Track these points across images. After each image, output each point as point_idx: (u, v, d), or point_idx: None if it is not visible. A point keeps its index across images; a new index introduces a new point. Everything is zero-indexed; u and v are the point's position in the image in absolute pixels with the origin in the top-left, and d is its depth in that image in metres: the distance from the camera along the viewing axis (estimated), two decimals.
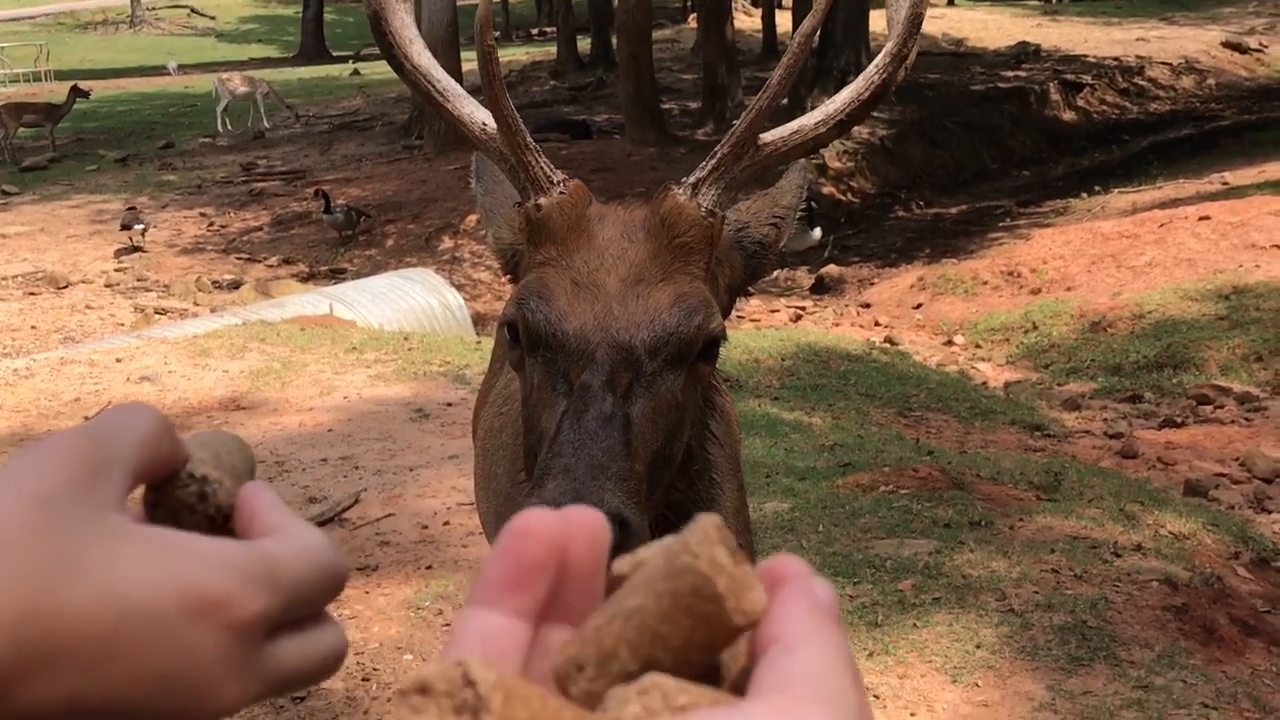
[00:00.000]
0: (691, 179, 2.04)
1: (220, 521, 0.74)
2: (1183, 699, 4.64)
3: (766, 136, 2.15)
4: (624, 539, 1.69)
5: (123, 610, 0.63)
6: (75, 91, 28.62)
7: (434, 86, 2.30)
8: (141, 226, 19.68)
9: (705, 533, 0.57)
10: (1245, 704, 4.67)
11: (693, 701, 0.53)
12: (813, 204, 17.03)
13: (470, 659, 0.53)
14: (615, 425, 1.80)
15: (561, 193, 2.03)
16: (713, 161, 2.06)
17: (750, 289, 2.31)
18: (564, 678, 0.57)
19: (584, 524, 0.61)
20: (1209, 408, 10.14)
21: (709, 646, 0.56)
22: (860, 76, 2.25)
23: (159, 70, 44.98)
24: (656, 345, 1.90)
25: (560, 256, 2.00)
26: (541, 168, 2.04)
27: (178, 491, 0.74)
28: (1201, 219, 14.93)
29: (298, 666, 0.71)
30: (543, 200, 2.03)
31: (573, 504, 1.80)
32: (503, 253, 2.31)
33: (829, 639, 0.56)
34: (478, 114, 2.24)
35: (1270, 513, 7.72)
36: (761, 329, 13.66)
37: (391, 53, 2.34)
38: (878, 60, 2.23)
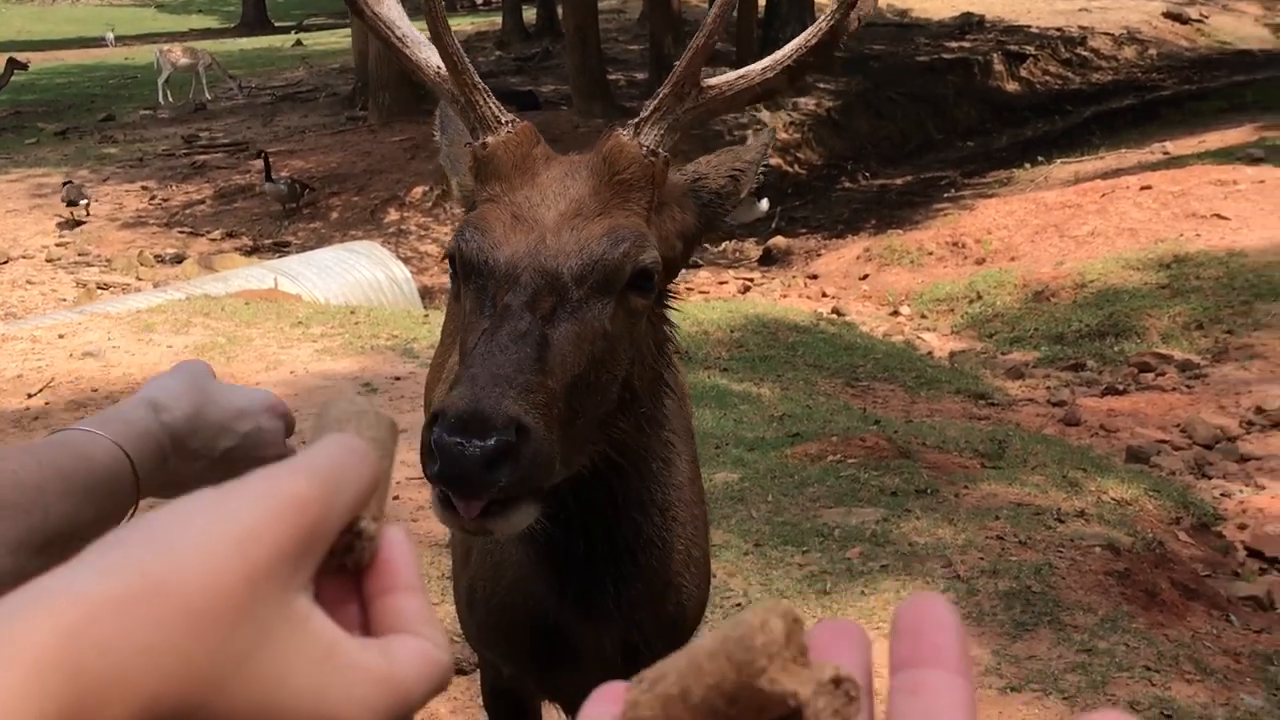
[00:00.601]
0: (635, 120, 2.08)
1: (354, 571, 0.73)
2: (1125, 662, 4.72)
3: (712, 81, 2.18)
4: (520, 441, 1.70)
5: None
6: (13, 64, 28.15)
7: (393, 32, 2.30)
8: (85, 201, 19.41)
9: (774, 607, 0.58)
10: (1186, 666, 4.75)
11: None
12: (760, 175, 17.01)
13: None
14: (528, 341, 1.81)
15: (509, 132, 2.06)
16: (654, 102, 2.09)
17: (707, 241, 2.33)
18: (630, 685, 0.59)
19: None
20: (1150, 375, 10.27)
21: (732, 698, 0.56)
22: (811, 26, 2.28)
23: (97, 42, 44.24)
24: (583, 272, 1.92)
25: (504, 193, 2.02)
26: (490, 107, 2.07)
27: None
28: (1143, 189, 15.07)
29: None
30: (490, 139, 2.05)
31: (469, 409, 1.79)
32: (466, 199, 2.32)
33: None
34: (433, 59, 2.26)
35: (1210, 478, 7.84)
36: (710, 301, 13.68)
37: None
38: (829, 11, 2.25)
